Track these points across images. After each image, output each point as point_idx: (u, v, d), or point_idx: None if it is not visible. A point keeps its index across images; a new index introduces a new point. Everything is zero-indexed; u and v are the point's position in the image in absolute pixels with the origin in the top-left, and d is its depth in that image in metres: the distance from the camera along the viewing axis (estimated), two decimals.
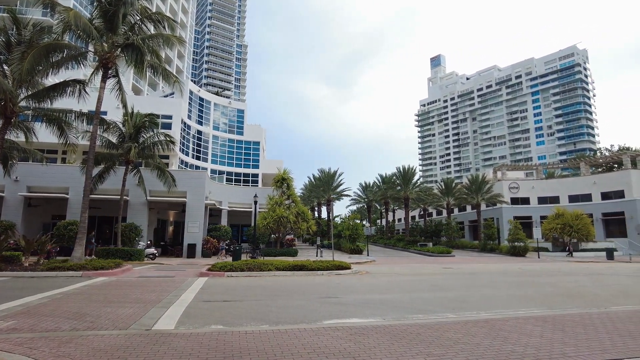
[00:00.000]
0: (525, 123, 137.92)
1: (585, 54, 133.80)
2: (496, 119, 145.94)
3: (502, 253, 40.34)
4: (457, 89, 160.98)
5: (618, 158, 50.84)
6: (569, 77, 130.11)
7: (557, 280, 15.93)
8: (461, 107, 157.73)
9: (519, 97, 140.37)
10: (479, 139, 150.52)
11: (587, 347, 5.63)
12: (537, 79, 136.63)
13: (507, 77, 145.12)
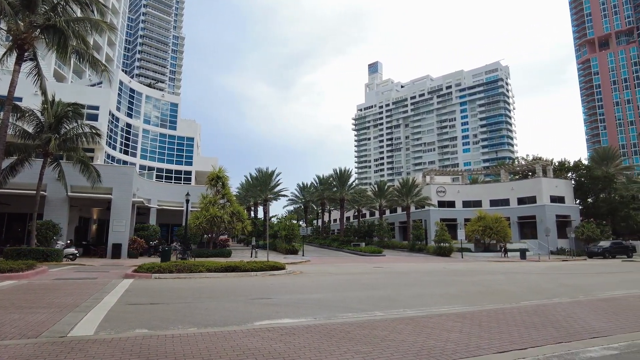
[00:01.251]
0: (454, 131, 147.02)
1: (507, 70, 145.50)
2: (427, 126, 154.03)
3: (429, 253, 42.54)
4: (392, 95, 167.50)
5: (532, 167, 55.85)
6: (493, 91, 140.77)
7: (478, 278, 17.13)
8: (395, 113, 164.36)
9: (449, 107, 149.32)
10: (411, 145, 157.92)
11: (498, 339, 6.12)
12: (466, 90, 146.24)
13: (439, 87, 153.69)
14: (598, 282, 15.42)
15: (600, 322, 7.50)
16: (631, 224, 50.27)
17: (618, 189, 54.30)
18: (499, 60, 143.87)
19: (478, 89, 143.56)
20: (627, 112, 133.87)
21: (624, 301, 10.20)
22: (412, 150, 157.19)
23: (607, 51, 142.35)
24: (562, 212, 49.99)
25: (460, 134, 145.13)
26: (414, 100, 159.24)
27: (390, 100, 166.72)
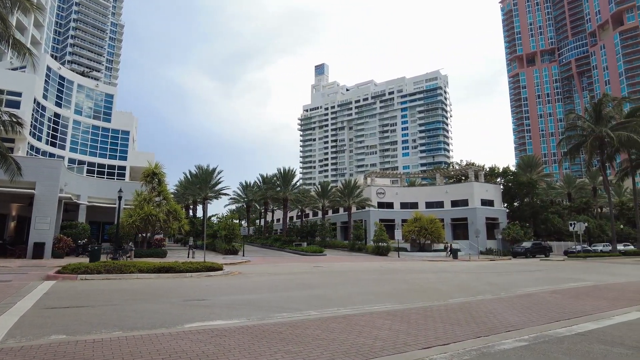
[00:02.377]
0: (394, 135, 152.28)
1: (446, 79, 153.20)
2: (370, 130, 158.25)
3: (368, 252, 43.66)
4: (337, 98, 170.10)
5: (465, 171, 59.25)
6: (432, 98, 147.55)
7: (411, 277, 17.86)
8: (340, 115, 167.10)
9: (391, 112, 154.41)
10: (354, 147, 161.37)
11: (424, 335, 6.42)
12: (407, 97, 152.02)
13: (382, 93, 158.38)
14: (518, 280, 16.67)
15: (516, 316, 8.13)
16: (549, 226, 54.96)
17: (540, 194, 59.18)
18: (439, 70, 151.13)
19: (418, 96, 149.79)
20: (549, 124, 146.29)
21: (537, 297, 11.14)
22: (356, 153, 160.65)
23: (534, 67, 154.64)
24: (491, 214, 53.51)
25: (400, 139, 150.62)
26: (358, 104, 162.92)
27: (336, 103, 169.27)
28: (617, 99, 48.73)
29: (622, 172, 51.12)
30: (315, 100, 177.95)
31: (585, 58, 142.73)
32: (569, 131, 49.43)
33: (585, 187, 66.63)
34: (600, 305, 9.75)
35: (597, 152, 42.89)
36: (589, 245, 51.66)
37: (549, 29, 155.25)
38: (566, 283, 15.14)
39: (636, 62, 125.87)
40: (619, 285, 14.57)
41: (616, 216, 59.54)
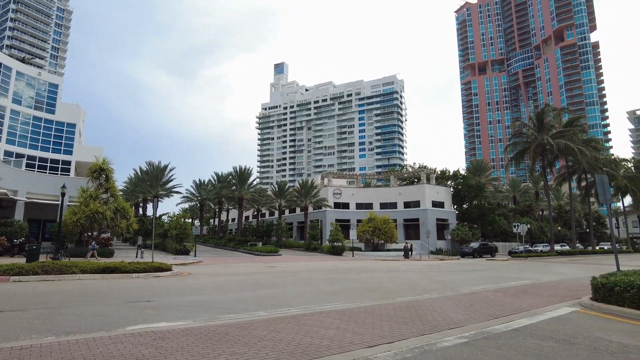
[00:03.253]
0: (352, 137, 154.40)
1: (402, 84, 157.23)
2: (328, 131, 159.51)
3: (323, 252, 43.95)
4: (296, 98, 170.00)
5: (418, 174, 61.05)
6: (389, 102, 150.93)
7: (363, 276, 18.14)
8: (299, 115, 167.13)
9: (349, 114, 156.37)
10: (313, 147, 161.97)
11: (370, 334, 6.53)
12: (364, 100, 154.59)
13: (340, 94, 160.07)
14: (464, 279, 17.37)
15: (459, 314, 8.45)
16: (496, 227, 57.78)
17: (487, 197, 62.08)
18: (395, 74, 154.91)
19: (375, 99, 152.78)
20: (497, 131, 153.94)
21: (480, 295, 11.66)
22: (314, 153, 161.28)
23: (485, 76, 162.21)
24: (442, 216, 55.49)
25: (358, 140, 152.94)
26: (317, 104, 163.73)
27: (295, 102, 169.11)
28: (557, 110, 52.12)
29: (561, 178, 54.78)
30: (274, 99, 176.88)
31: (531, 69, 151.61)
32: (515, 138, 52.26)
33: (528, 191, 70.68)
34: (536, 302, 10.35)
35: (540, 158, 45.62)
36: (531, 245, 54.86)
37: (500, 40, 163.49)
38: (508, 282, 15.95)
39: (574, 75, 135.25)
40: (554, 283, 15.55)
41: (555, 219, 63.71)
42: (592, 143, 50.02)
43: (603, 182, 12.22)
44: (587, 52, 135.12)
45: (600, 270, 13.13)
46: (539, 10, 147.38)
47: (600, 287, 9.10)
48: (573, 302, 10.12)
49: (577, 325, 7.35)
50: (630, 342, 6.03)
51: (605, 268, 16.56)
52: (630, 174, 56.81)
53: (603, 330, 6.86)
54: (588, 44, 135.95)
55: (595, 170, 44.95)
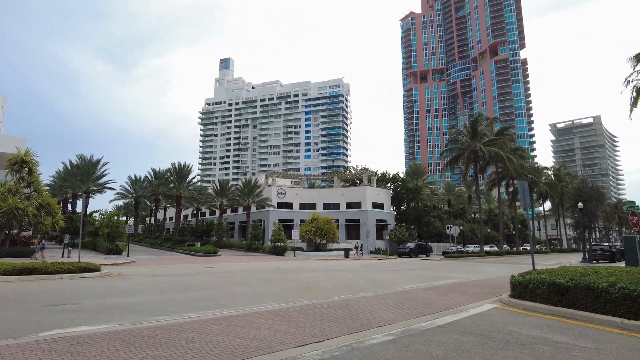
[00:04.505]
0: (298, 137, 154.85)
1: (348, 88, 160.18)
2: (274, 130, 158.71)
3: (265, 252, 43.62)
4: (242, 95, 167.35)
5: (360, 176, 62.51)
6: (334, 104, 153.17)
7: (302, 276, 18.23)
8: (244, 113, 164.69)
9: (295, 114, 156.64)
10: (258, 146, 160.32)
11: (301, 334, 6.57)
12: (311, 101, 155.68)
13: (287, 94, 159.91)
14: (398, 278, 18.03)
15: (389, 312, 8.75)
16: (431, 228, 60.58)
17: (424, 200, 64.93)
18: (342, 78, 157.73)
19: (322, 101, 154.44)
20: (435, 137, 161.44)
21: (411, 293, 12.16)
22: (259, 152, 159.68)
23: (426, 84, 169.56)
24: (381, 217, 57.23)
25: (303, 141, 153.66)
26: (264, 102, 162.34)
27: (241, 100, 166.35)
28: (490, 119, 55.71)
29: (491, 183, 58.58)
30: (218, 95, 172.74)
31: (468, 80, 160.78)
32: (451, 144, 55.09)
33: (462, 195, 74.85)
34: (462, 299, 10.97)
35: (472, 164, 48.46)
36: (463, 246, 58.07)
37: (441, 50, 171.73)
38: (438, 281, 16.77)
39: (506, 88, 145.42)
40: (480, 281, 16.58)
41: (485, 221, 67.99)
42: (519, 152, 54.05)
43: (524, 188, 13.23)
44: (518, 67, 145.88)
45: (521, 269, 14.18)
46: (476, 25, 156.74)
47: (517, 285, 9.84)
48: (495, 299, 10.83)
49: (495, 321, 7.88)
50: (537, 334, 6.58)
51: (525, 267, 17.92)
52: (550, 181, 62.03)
53: (517, 324, 7.42)
54: (518, 60, 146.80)
55: (521, 177, 48.54)
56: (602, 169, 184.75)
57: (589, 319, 7.51)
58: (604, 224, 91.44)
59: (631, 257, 20.63)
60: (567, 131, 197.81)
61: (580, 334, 6.57)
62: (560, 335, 6.53)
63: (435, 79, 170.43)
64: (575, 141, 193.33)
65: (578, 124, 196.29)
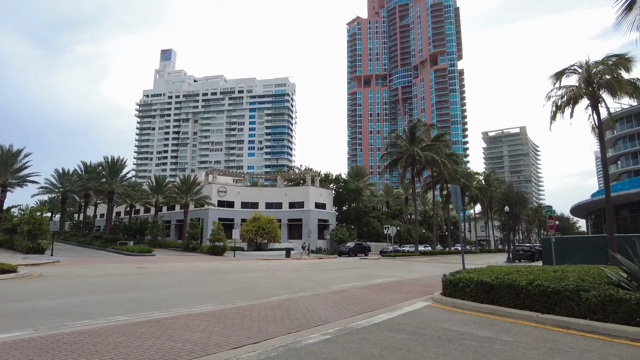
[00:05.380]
0: (241, 134, 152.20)
1: (294, 87, 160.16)
2: (217, 126, 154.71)
3: (203, 252, 42.35)
4: (184, 88, 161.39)
5: (303, 176, 62.75)
6: (280, 103, 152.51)
7: (241, 276, 17.90)
8: (185, 107, 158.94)
9: (239, 110, 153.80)
10: (199, 142, 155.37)
11: (237, 335, 6.43)
12: (256, 98, 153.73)
13: (231, 89, 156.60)
14: (337, 277, 18.29)
15: (327, 311, 8.84)
16: (370, 229, 62.28)
17: (364, 201, 66.54)
18: (288, 77, 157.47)
19: (267, 99, 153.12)
20: (377, 140, 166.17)
21: (349, 292, 12.39)
22: (200, 148, 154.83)
23: (369, 89, 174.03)
24: (323, 217, 57.86)
25: (247, 138, 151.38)
26: (206, 97, 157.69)
27: (182, 93, 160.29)
28: (427, 125, 58.33)
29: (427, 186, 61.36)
30: (158, 87, 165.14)
31: (409, 87, 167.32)
32: (390, 148, 56.97)
33: (400, 197, 77.71)
34: (397, 298, 11.35)
35: (410, 168, 50.43)
36: (399, 246, 60.24)
37: (384, 56, 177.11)
38: (376, 279, 17.23)
39: (444, 96, 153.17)
40: (415, 280, 17.27)
41: (420, 222, 71.09)
42: (453, 157, 57.08)
43: (456, 191, 13.98)
44: (455, 77, 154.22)
45: (452, 268, 14.95)
46: (419, 34, 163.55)
47: (448, 284, 10.36)
48: (427, 297, 11.31)
49: (427, 318, 8.23)
50: (465, 330, 6.96)
51: (456, 266, 18.91)
52: (480, 185, 66.18)
53: (447, 321, 7.80)
54: (456, 70, 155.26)
55: (455, 181, 51.28)
56: (526, 176, 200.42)
57: (510, 314, 8.08)
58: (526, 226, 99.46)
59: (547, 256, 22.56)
60: (497, 139, 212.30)
61: (502, 329, 7.04)
62: (485, 330, 6.95)
63: (379, 84, 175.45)
64: (504, 149, 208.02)
65: (507, 133, 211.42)
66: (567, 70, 20.82)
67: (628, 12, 8.25)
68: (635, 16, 8.16)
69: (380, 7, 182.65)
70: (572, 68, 20.73)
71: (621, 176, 63.26)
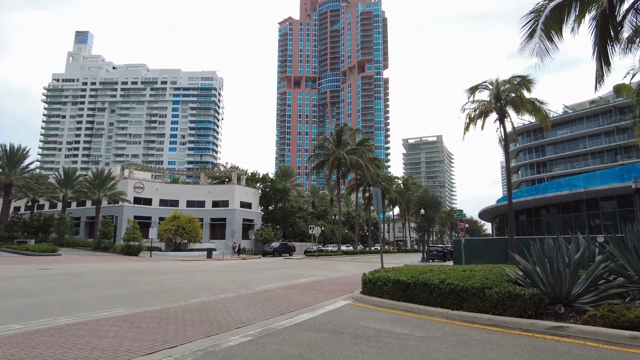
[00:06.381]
0: (163, 128, 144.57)
1: (222, 82, 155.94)
2: (136, 117, 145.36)
3: (116, 252, 39.56)
4: (101, 74, 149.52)
5: (229, 174, 61.29)
6: (207, 97, 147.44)
7: (157, 278, 16.98)
8: (102, 95, 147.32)
9: (162, 102, 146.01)
10: (115, 133, 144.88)
11: (153, 340, 6.08)
12: (181, 90, 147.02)
13: (154, 80, 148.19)
14: (260, 277, 18.11)
15: (249, 312, 8.71)
16: (296, 229, 62.59)
17: (291, 201, 66.73)
18: (216, 71, 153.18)
19: (193, 92, 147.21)
20: (305, 141, 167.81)
21: (272, 292, 12.33)
22: (116, 140, 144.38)
23: (299, 90, 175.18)
24: (248, 216, 56.96)
25: (169, 132, 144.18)
26: (126, 86, 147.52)
27: (98, 79, 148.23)
28: (353, 130, 60.20)
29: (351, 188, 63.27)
30: (71, 71, 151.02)
31: (337, 91, 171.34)
32: (318, 150, 57.84)
33: (325, 198, 79.17)
34: (319, 297, 11.52)
35: (336, 170, 51.65)
36: (323, 246, 61.30)
37: (315, 59, 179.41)
38: (299, 279, 17.35)
39: (369, 103, 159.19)
40: (336, 279, 17.67)
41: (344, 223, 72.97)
42: (376, 161, 59.51)
43: (377, 194, 14.57)
44: (380, 85, 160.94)
45: (372, 267, 15.54)
46: (348, 41, 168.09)
47: (367, 282, 10.75)
48: (348, 295, 11.63)
49: (347, 317, 8.46)
50: (382, 328, 7.27)
51: (375, 265, 19.69)
52: (400, 189, 69.74)
53: (366, 320, 8.08)
54: (381, 79, 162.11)
55: (376, 184, 53.45)
56: (441, 182, 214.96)
57: (424, 311, 8.59)
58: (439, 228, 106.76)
59: (458, 256, 24.44)
60: (416, 146, 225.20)
61: (416, 325, 7.47)
62: (401, 327, 7.32)
63: (308, 86, 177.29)
64: (422, 156, 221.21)
65: (425, 141, 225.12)
66: (480, 86, 22.77)
67: (530, 39, 9.21)
68: (536, 44, 9.13)
69: (313, 10, 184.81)
70: (484, 84, 22.71)
71: (521, 184, 70.56)
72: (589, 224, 30.01)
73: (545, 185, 40.37)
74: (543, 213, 36.08)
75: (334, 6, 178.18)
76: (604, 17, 8.24)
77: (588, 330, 6.34)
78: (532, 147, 72.52)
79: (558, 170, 67.30)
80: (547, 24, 8.85)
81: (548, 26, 8.87)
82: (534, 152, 72.57)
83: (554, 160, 69.77)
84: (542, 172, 70.71)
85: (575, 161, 66.59)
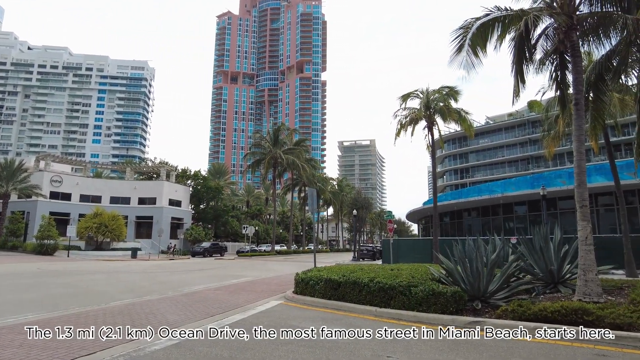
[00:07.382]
0: (86, 117, 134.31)
1: (153, 73, 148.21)
2: (55, 105, 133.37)
3: (26, 251, 36.04)
4: (13, 54, 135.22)
5: (158, 170, 58.34)
6: (136, 88, 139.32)
7: (75, 279, 15.73)
8: (14, 77, 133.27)
9: (85, 90, 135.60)
10: (29, 121, 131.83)
11: (68, 347, 5.62)
12: (108, 79, 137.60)
13: (78, 65, 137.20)
14: (189, 278, 17.47)
15: (176, 315, 8.36)
16: (228, 228, 61.20)
17: (224, 199, 65.15)
18: (148, 61, 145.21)
19: (121, 81, 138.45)
20: (241, 139, 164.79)
21: (201, 294, 11.95)
22: (30, 128, 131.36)
23: (236, 86, 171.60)
24: (178, 215, 54.64)
25: (93, 123, 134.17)
26: (44, 69, 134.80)
27: (10, 60, 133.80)
28: (290, 130, 60.22)
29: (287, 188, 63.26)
30: None
31: (275, 90, 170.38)
32: (254, 148, 57.09)
33: (260, 197, 78.38)
34: (251, 297, 11.38)
35: (272, 169, 51.32)
36: (257, 246, 60.59)
37: (253, 56, 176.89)
38: (230, 280, 16.99)
39: (307, 104, 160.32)
40: (269, 279, 17.56)
41: (279, 222, 72.75)
42: (312, 162, 60.04)
43: (313, 195, 14.72)
44: (318, 87, 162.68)
45: (305, 266, 15.64)
46: (288, 40, 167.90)
47: (300, 282, 10.82)
48: (280, 295, 11.62)
49: (278, 317, 8.44)
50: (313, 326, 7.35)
51: (309, 265, 19.86)
52: (334, 190, 70.99)
53: (297, 319, 8.12)
54: (319, 81, 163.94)
55: (312, 184, 53.95)
56: (373, 184, 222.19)
57: (354, 309, 8.83)
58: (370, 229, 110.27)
59: (387, 256, 25.41)
60: (351, 149, 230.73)
61: (346, 324, 7.65)
62: (331, 325, 7.45)
63: (246, 83, 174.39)
64: (356, 158, 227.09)
65: (359, 144, 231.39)
66: (412, 94, 23.90)
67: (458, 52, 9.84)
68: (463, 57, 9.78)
69: (252, 6, 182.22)
70: (415, 93, 23.87)
71: (446, 189, 75.19)
72: (505, 227, 32.80)
73: (467, 190, 43.42)
74: (465, 216, 38.76)
75: (274, 4, 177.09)
76: (521, 39, 9.06)
77: (500, 324, 6.93)
78: (457, 154, 77.60)
79: (479, 176, 72.69)
80: (474, 40, 9.53)
81: (474, 42, 9.55)
82: (459, 158, 77.70)
83: (476, 166, 75.25)
84: (465, 177, 75.92)
85: (494, 168, 72.39)
